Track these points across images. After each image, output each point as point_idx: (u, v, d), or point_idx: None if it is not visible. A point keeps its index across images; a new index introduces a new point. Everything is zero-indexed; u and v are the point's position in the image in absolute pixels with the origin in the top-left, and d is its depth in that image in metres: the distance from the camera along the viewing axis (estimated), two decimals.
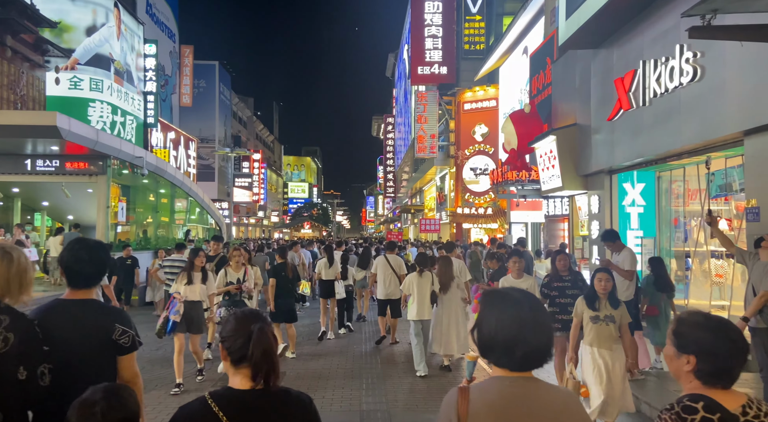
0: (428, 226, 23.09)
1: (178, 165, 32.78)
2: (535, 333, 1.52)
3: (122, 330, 2.24)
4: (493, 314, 1.55)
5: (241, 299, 6.58)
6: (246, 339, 1.63)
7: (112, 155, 12.51)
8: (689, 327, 1.63)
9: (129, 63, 25.89)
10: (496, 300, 1.59)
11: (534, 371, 1.56)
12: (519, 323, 1.51)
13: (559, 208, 12.85)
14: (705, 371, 1.57)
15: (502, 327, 1.52)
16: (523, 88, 18.32)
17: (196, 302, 6.02)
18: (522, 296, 1.58)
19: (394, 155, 49.80)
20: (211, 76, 49.71)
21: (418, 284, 6.82)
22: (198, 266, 6.16)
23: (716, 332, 1.58)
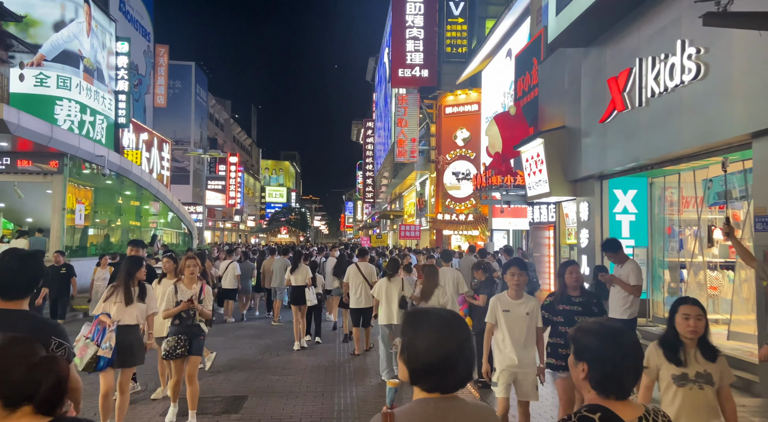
0: (408, 232, 22.49)
1: (151, 167, 31.74)
2: (469, 354, 1.48)
3: (59, 342, 2.23)
4: (427, 337, 1.45)
5: (195, 323, 5.09)
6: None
7: (69, 152, 11.58)
8: (583, 333, 1.63)
9: (100, 61, 24.94)
10: (426, 321, 1.49)
11: None
12: (455, 345, 1.44)
13: (545, 215, 12.34)
14: (595, 379, 1.56)
15: (439, 350, 1.43)
16: (507, 91, 17.88)
17: (132, 326, 4.71)
18: (451, 316, 1.52)
19: (373, 160, 49.28)
20: (187, 77, 48.65)
21: (386, 289, 6.79)
22: (137, 280, 4.84)
23: (604, 338, 1.57)
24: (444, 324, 1.47)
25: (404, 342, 1.48)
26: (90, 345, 4.21)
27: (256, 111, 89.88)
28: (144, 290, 4.84)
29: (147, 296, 4.85)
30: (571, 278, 4.37)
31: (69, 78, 22.14)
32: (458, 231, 23.68)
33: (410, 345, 1.46)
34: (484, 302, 6.24)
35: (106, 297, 4.70)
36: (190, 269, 5.17)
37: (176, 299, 5.07)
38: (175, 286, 5.16)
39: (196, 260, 5.23)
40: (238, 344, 9.02)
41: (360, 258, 8.67)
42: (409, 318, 1.53)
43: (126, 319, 4.63)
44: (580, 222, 10.04)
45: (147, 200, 19.69)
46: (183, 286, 5.17)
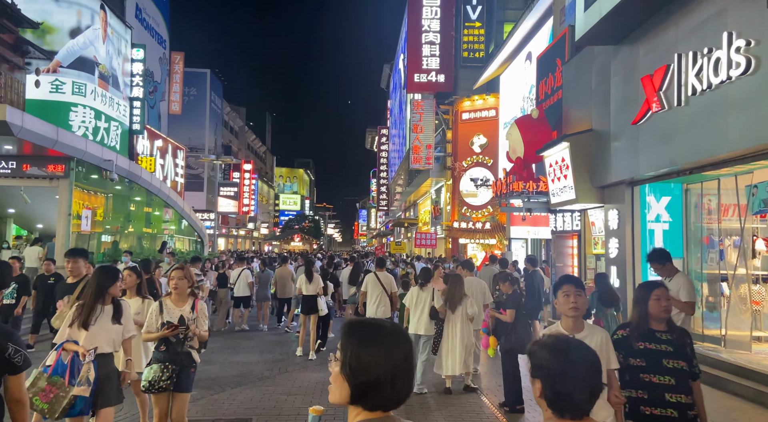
0: (424, 241, 21.91)
1: (165, 174, 31.77)
2: (411, 367, 1.38)
3: (15, 348, 2.23)
4: (374, 350, 1.33)
5: (185, 350, 4.13)
6: None
7: (75, 157, 11.26)
8: (539, 347, 1.54)
9: (115, 67, 25.03)
10: (371, 333, 1.36)
11: None
12: (402, 357, 1.34)
13: (569, 223, 11.72)
14: (548, 397, 1.47)
15: (387, 363, 1.32)
16: (526, 96, 17.32)
17: (108, 355, 3.81)
18: (394, 327, 1.41)
19: (387, 168, 48.80)
20: (202, 84, 48.86)
21: (417, 298, 6.57)
22: (112, 295, 3.89)
23: (556, 353, 1.47)
24: (390, 335, 1.37)
25: (347, 356, 1.34)
26: (59, 383, 3.28)
27: (270, 118, 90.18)
28: (119, 309, 3.91)
29: (123, 315, 3.93)
30: (659, 307, 3.08)
31: (84, 84, 22.19)
32: (475, 240, 23.07)
33: (355, 358, 1.33)
34: (512, 318, 5.70)
35: (72, 320, 3.72)
36: (174, 282, 4.22)
37: (161, 319, 4.11)
38: (160, 304, 4.22)
39: (186, 271, 4.31)
40: (247, 357, 8.54)
41: (378, 268, 8.43)
42: (351, 330, 1.39)
43: (102, 345, 3.71)
44: (609, 231, 9.43)
45: (158, 206, 19.41)
46: (170, 303, 4.22)
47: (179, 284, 4.21)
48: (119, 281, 3.93)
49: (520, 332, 5.61)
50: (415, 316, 6.57)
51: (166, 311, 4.17)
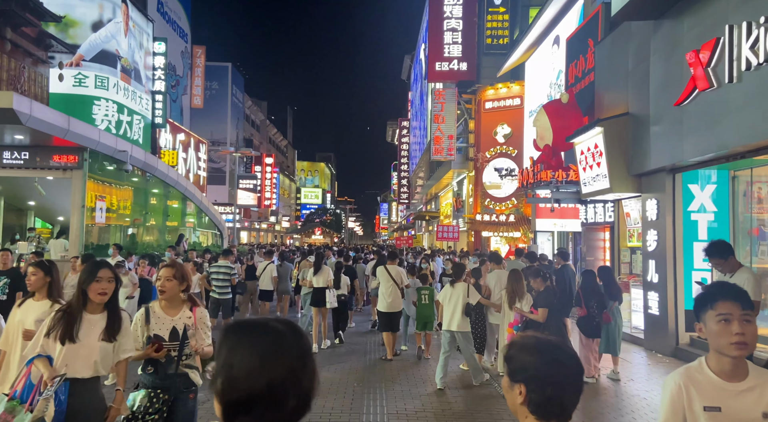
0: (446, 233, 21.30)
1: (187, 168, 31.85)
2: (306, 379, 1.08)
3: None
4: (248, 358, 1.05)
5: (181, 372, 3.22)
6: None
7: (89, 147, 10.99)
8: (518, 350, 1.39)
9: (137, 61, 25.09)
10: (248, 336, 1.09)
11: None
12: (286, 367, 1.06)
13: (601, 214, 11.04)
14: (535, 401, 1.34)
15: (263, 374, 1.04)
16: (554, 82, 16.54)
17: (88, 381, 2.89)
18: (285, 328, 1.12)
19: (408, 160, 48.21)
20: (223, 78, 48.94)
21: (450, 295, 6.43)
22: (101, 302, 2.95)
23: (543, 354, 1.34)
24: (272, 339, 1.09)
25: (216, 368, 1.08)
26: (16, 409, 2.54)
27: (291, 112, 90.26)
28: (115, 321, 2.98)
29: (120, 330, 3.01)
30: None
31: (107, 78, 22.29)
32: (498, 233, 22.38)
33: (225, 368, 1.06)
34: (544, 318, 5.15)
35: (49, 329, 2.86)
36: (160, 283, 3.26)
37: (147, 332, 3.19)
38: (147, 311, 3.26)
39: (174, 270, 3.30)
40: None
41: (390, 261, 8.41)
42: (226, 333, 1.12)
43: (78, 368, 2.82)
44: (647, 222, 8.75)
45: (176, 198, 19.19)
46: (159, 310, 3.27)
47: (167, 286, 3.24)
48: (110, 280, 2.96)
49: (553, 332, 5.06)
50: (448, 312, 6.43)
51: (154, 320, 3.23)
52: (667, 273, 8.15)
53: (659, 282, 8.28)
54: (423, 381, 6.70)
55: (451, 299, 6.44)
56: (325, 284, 8.66)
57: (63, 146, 10.60)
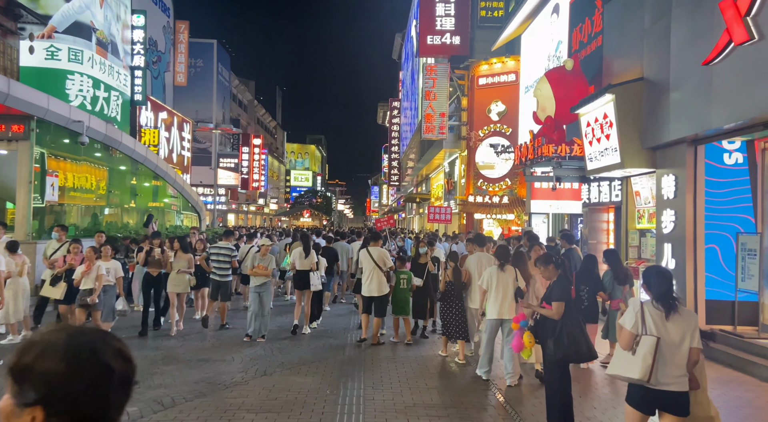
0: (438, 215, 20.27)
1: (170, 148, 30.61)
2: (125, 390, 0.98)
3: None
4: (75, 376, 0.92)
5: None
6: None
7: (35, 115, 9.76)
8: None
9: (114, 34, 23.71)
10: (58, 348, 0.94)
11: None
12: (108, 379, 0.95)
13: (606, 194, 10.07)
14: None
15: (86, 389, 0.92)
16: (552, 54, 15.42)
17: None
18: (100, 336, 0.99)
19: (399, 142, 47.12)
20: (208, 56, 47.31)
21: (498, 280, 5.96)
22: None
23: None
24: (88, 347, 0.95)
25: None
26: None
27: (280, 93, 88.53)
28: None
29: None
30: None
31: (81, 51, 21.00)
32: (491, 215, 21.46)
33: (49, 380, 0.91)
34: (560, 314, 4.16)
35: None
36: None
37: None
38: None
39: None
40: (223, 352, 7.12)
41: (372, 243, 8.00)
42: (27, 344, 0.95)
43: None
44: (662, 201, 7.77)
45: (146, 177, 17.95)
46: None
47: None
48: None
49: (575, 332, 4.06)
50: (497, 299, 5.93)
51: None
52: (686, 258, 7.20)
53: (676, 268, 7.34)
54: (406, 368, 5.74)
55: (499, 285, 5.93)
56: (309, 267, 8.54)
57: (5, 114, 9.39)
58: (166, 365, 6.31)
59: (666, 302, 3.15)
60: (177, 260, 8.25)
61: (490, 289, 5.98)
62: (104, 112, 21.47)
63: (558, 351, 4.03)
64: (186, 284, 8.24)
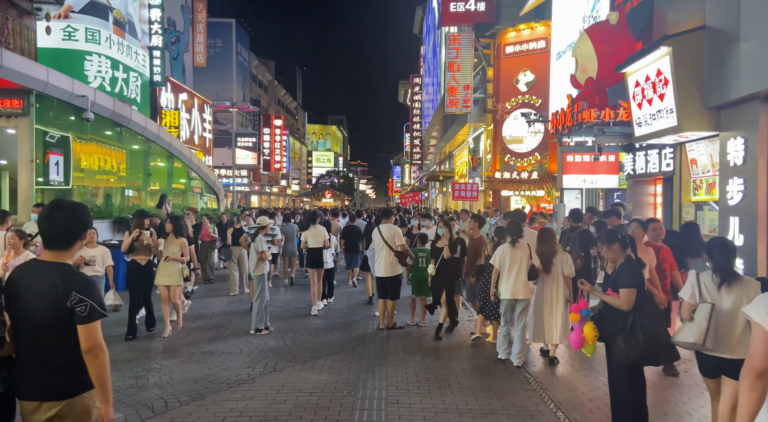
0: (463, 193, 19.35)
1: (191, 129, 30.24)
2: None
3: (79, 298, 2.18)
4: None
5: None
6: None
7: (34, 89, 9.14)
8: None
9: (131, 13, 23.24)
10: None
11: None
12: None
13: (655, 163, 9.02)
14: None
15: None
16: (588, 15, 14.16)
17: None
18: None
19: (421, 119, 46.06)
20: (227, 35, 46.74)
21: (511, 257, 5.67)
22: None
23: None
24: None
25: None
26: None
27: (301, 73, 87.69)
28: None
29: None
30: None
31: (98, 31, 20.59)
32: (519, 191, 20.42)
33: None
34: (630, 304, 3.30)
35: None
36: None
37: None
38: None
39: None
40: (230, 345, 6.45)
41: (384, 219, 7.48)
42: None
43: None
44: (728, 168, 6.74)
45: (160, 156, 17.38)
46: None
47: None
48: None
49: (652, 328, 3.21)
50: (510, 278, 5.64)
51: None
52: (758, 233, 6.21)
53: (745, 245, 6.35)
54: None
55: (512, 263, 5.61)
56: (321, 245, 8.43)
57: (4, 87, 8.79)
58: (166, 358, 5.66)
59: (724, 272, 3.18)
60: (167, 245, 6.89)
61: (502, 267, 5.71)
62: (123, 93, 21.13)
63: (631, 351, 3.19)
64: (178, 275, 6.82)
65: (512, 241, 5.74)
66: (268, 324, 6.96)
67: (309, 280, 8.61)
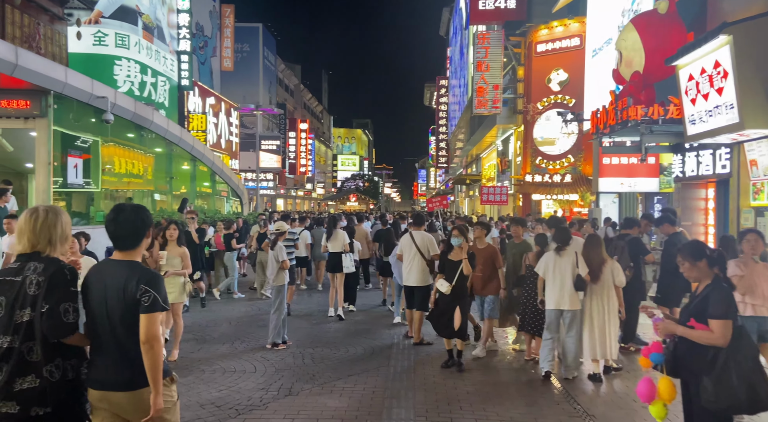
0: (492, 196, 18.66)
1: (218, 133, 30.38)
2: None
3: (145, 289, 2.37)
4: None
5: None
6: None
7: (52, 89, 8.89)
8: None
9: (159, 18, 23.37)
10: None
11: None
12: None
13: (708, 165, 8.25)
14: None
15: None
16: (628, 8, 13.36)
17: None
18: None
19: (447, 122, 45.41)
20: (254, 40, 47.03)
21: (555, 265, 5.37)
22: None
23: None
24: None
25: None
26: None
27: (326, 77, 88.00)
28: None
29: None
30: None
31: (127, 36, 20.71)
32: (551, 195, 19.61)
33: None
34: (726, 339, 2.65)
35: None
36: None
37: None
38: None
39: None
40: (245, 361, 5.97)
41: (415, 226, 7.09)
42: None
43: None
44: None
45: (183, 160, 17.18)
46: None
47: None
48: None
49: (748, 368, 2.57)
50: (554, 287, 5.33)
51: None
52: None
53: None
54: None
55: (556, 271, 5.31)
56: (341, 249, 8.40)
57: (18, 88, 8.56)
58: None
59: None
60: (169, 258, 5.83)
61: (546, 276, 5.40)
62: (152, 97, 21.23)
63: (722, 397, 2.56)
64: (180, 291, 5.89)
65: (557, 248, 5.40)
66: (285, 337, 6.45)
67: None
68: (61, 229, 2.44)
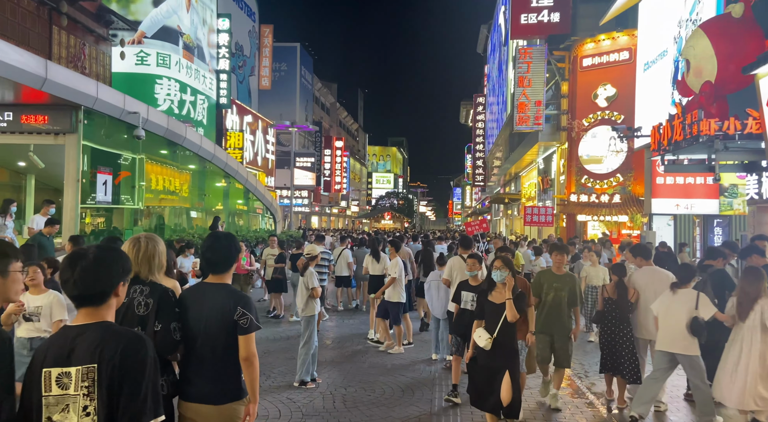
0: (537, 217, 17.78)
1: (255, 151, 30.65)
2: None
3: (242, 312, 2.58)
4: None
5: None
6: None
7: (82, 104, 8.68)
8: None
9: (200, 38, 23.80)
10: None
11: None
12: None
13: None
14: None
15: None
16: (686, 18, 12.46)
17: None
18: None
19: (484, 140, 44.65)
20: (292, 59, 47.74)
21: (669, 304, 4.76)
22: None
23: None
24: None
25: None
26: None
27: (362, 95, 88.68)
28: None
29: None
30: None
31: (168, 55, 21.11)
32: (597, 216, 18.57)
33: None
34: None
35: None
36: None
37: None
38: None
39: None
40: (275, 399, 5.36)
41: (464, 249, 6.47)
42: None
43: None
44: None
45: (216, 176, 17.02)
46: None
47: None
48: None
49: None
50: (666, 329, 4.79)
51: None
52: None
53: None
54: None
55: (670, 311, 4.74)
56: (382, 272, 8.31)
57: (48, 103, 8.37)
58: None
59: None
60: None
61: (659, 316, 4.86)
62: (191, 115, 21.46)
63: None
64: None
65: (674, 285, 4.84)
66: (315, 374, 5.82)
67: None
68: (158, 258, 2.68)
